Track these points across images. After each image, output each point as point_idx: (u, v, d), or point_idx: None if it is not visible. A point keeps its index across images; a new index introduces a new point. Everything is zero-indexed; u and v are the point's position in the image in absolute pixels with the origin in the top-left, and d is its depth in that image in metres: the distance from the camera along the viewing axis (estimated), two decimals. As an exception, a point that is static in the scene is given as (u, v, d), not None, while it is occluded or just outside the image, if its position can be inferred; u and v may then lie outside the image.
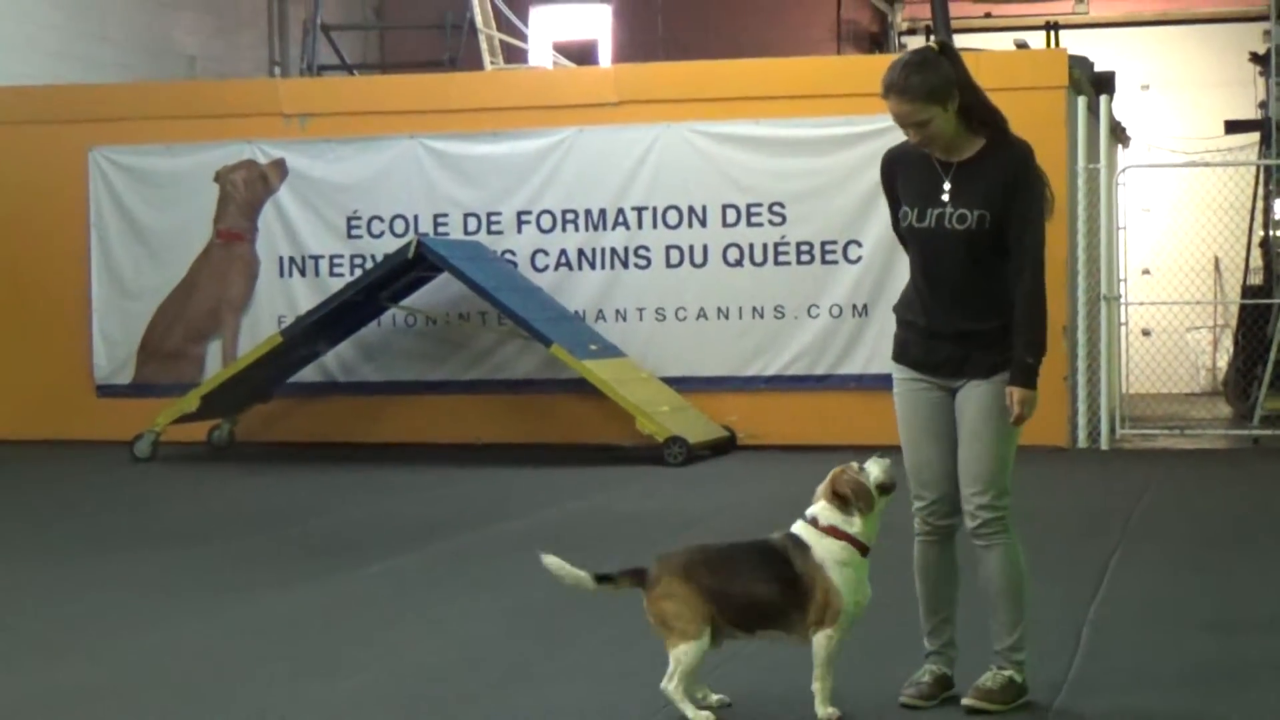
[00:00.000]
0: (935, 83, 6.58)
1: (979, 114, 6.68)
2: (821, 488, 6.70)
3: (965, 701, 6.76)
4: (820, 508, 6.64)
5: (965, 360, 6.74)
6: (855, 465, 6.69)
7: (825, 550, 6.55)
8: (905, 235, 6.88)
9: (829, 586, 6.51)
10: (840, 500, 6.60)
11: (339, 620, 8.85)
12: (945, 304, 6.78)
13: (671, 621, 6.46)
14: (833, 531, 6.58)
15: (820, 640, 6.51)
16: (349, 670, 7.66)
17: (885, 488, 6.67)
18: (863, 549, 6.60)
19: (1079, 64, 17.13)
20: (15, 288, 18.49)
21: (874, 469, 6.67)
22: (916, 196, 6.80)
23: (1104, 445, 16.77)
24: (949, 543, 6.92)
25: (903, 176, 6.87)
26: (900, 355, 6.95)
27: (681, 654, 6.44)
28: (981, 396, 6.74)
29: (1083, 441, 16.75)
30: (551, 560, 6.48)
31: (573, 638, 8.29)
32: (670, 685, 6.45)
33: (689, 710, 6.48)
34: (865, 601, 6.63)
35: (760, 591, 6.52)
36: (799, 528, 6.63)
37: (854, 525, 6.58)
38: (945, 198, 6.70)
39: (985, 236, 6.65)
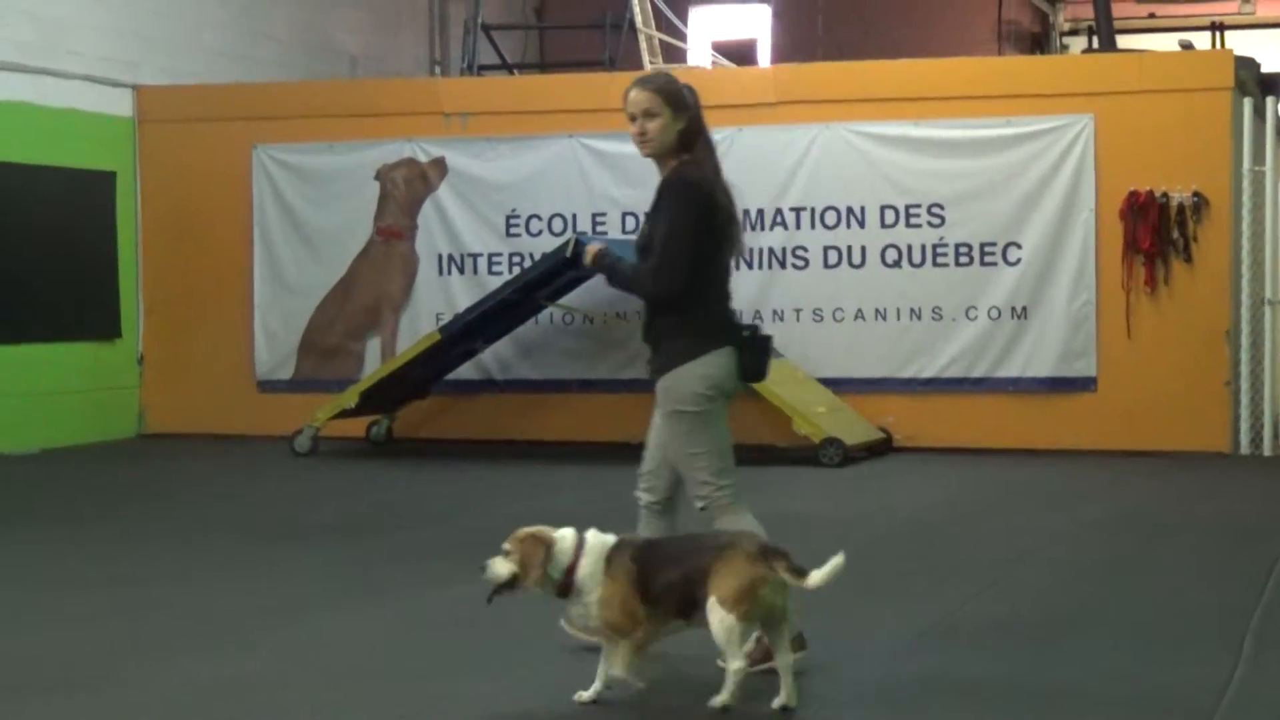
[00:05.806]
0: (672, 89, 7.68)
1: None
2: None
3: None
4: None
5: None
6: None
7: None
8: None
9: None
10: None
11: (495, 618, 8.88)
12: None
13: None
14: None
15: None
16: (503, 669, 7.71)
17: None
18: None
19: (1245, 65, 16.85)
20: (180, 283, 18.75)
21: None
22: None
23: (1267, 451, 16.51)
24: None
25: None
26: None
27: None
28: None
29: (1245, 448, 16.50)
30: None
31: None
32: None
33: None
34: None
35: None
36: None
37: None
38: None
39: None
